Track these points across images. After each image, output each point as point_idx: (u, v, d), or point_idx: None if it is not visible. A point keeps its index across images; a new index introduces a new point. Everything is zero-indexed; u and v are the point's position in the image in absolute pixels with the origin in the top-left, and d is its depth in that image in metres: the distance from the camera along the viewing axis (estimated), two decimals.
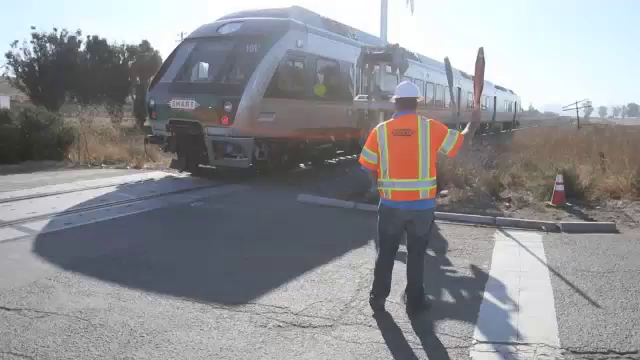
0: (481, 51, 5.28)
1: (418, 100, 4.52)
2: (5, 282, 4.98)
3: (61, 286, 4.94)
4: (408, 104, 4.49)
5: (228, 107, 10.86)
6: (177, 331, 4.03)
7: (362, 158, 4.58)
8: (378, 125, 4.60)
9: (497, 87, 37.65)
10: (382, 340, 3.99)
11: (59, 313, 4.32)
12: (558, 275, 5.62)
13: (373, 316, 4.42)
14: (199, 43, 12.64)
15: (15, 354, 3.62)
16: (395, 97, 4.56)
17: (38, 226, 7.32)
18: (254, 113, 11.06)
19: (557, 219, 8.26)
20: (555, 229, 7.73)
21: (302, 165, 14.55)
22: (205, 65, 13.06)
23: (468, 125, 4.72)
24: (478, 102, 5.04)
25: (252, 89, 11.05)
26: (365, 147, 4.56)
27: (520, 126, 46.47)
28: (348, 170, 13.12)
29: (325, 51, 13.84)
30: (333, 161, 15.97)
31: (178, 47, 13.28)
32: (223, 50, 11.92)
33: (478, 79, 5.19)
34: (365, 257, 6.11)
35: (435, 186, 4.46)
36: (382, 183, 4.45)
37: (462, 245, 6.77)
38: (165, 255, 6.08)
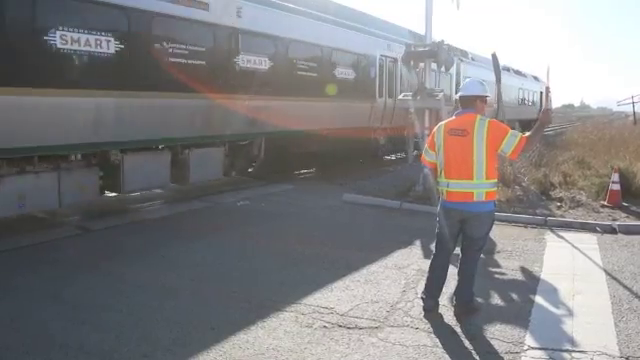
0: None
1: (487, 98, 4.40)
2: None
3: None
4: (468, 102, 4.36)
5: None
6: (224, 329, 4.08)
7: (423, 156, 4.68)
8: (438, 124, 4.55)
9: (506, 69, 24.14)
10: (429, 343, 3.92)
11: None
12: (615, 279, 5.37)
13: (420, 318, 4.34)
14: None
15: None
16: (457, 95, 4.48)
17: None
18: None
19: (613, 220, 7.89)
20: (611, 230, 7.39)
21: None
22: None
23: (535, 126, 4.43)
24: (548, 100, 4.78)
25: None
26: (426, 146, 4.63)
27: (551, 126, 34.04)
28: (393, 169, 13.00)
29: None
30: None
31: None
32: None
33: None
34: (411, 258, 6.02)
35: (494, 189, 4.33)
36: (439, 182, 4.43)
37: (511, 246, 6.56)
38: (210, 254, 6.19)
